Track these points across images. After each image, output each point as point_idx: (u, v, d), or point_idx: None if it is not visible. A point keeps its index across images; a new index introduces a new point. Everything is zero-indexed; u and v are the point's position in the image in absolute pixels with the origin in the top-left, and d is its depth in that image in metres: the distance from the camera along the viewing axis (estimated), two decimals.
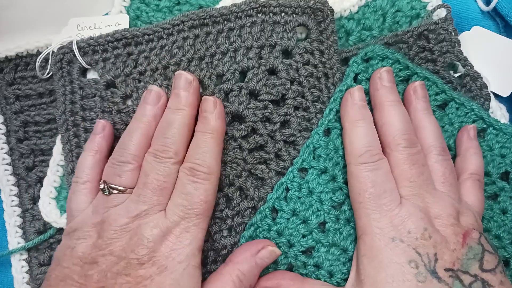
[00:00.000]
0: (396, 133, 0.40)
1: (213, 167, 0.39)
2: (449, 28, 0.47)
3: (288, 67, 0.44)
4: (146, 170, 0.39)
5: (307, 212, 0.42)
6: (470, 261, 0.36)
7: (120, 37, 0.45)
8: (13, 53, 0.49)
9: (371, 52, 0.45)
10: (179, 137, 0.39)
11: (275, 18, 0.45)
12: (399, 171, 0.39)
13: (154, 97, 0.42)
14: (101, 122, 0.43)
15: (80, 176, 0.41)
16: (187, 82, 0.41)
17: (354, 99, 0.42)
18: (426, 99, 0.44)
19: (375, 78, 0.43)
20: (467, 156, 0.43)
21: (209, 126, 0.40)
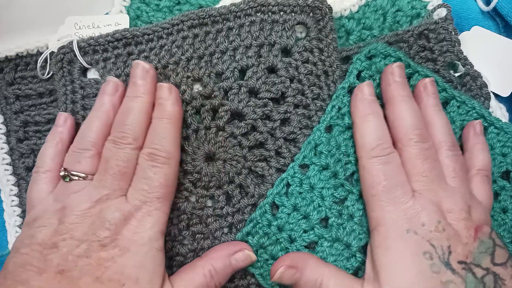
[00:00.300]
0: (408, 128, 0.41)
1: (172, 152, 0.40)
2: (449, 27, 0.47)
3: (287, 65, 0.44)
4: (106, 156, 0.39)
5: (308, 207, 0.42)
6: (482, 254, 0.37)
7: (120, 37, 0.45)
8: (13, 53, 0.49)
9: (374, 50, 0.45)
10: (137, 123, 0.40)
11: (274, 17, 0.45)
12: (411, 166, 0.40)
13: (112, 87, 0.42)
14: (63, 114, 0.44)
15: (41, 165, 0.42)
16: (144, 70, 0.41)
17: (364, 94, 0.43)
18: (436, 96, 0.44)
19: (387, 73, 0.44)
20: (474, 152, 0.44)
21: (166, 112, 0.40)
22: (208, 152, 0.44)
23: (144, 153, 0.39)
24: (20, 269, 0.36)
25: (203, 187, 0.43)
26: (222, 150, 0.43)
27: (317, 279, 0.39)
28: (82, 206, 0.38)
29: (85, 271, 0.35)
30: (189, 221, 0.43)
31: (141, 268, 0.36)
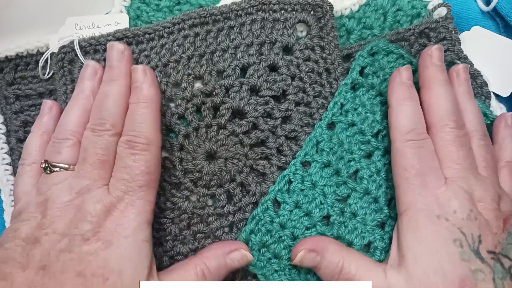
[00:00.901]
0: (444, 113, 0.40)
1: (152, 137, 0.38)
2: (450, 26, 0.47)
3: (288, 63, 0.44)
4: (85, 145, 0.38)
5: (310, 204, 0.42)
6: (510, 246, 0.37)
7: (121, 36, 0.45)
8: (13, 53, 0.49)
9: (376, 47, 0.45)
10: (115, 108, 0.39)
11: (275, 15, 0.45)
12: (446, 152, 0.39)
13: (90, 71, 0.41)
14: (48, 102, 0.43)
15: (26, 158, 0.41)
16: (118, 52, 0.41)
17: (402, 77, 0.42)
18: (469, 83, 0.44)
19: (426, 55, 0.43)
20: (504, 145, 0.43)
21: (142, 95, 0.39)
22: (209, 151, 0.44)
23: (122, 141, 0.38)
24: (3, 265, 0.35)
25: (204, 186, 0.43)
26: (223, 148, 0.43)
27: (339, 262, 0.38)
28: (63, 198, 0.37)
29: (68, 266, 0.34)
30: (190, 220, 0.43)
31: (125, 260, 0.35)
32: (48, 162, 0.39)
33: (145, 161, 0.38)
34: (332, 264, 0.38)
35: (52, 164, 0.39)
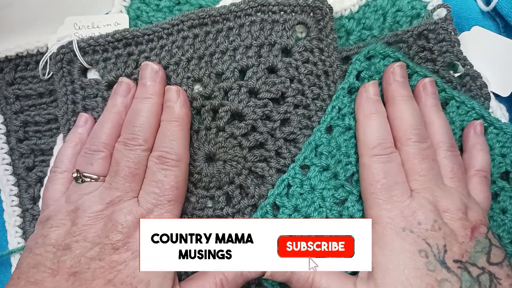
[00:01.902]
0: (407, 127, 0.41)
1: (182, 154, 0.40)
2: (449, 28, 0.47)
3: (287, 66, 0.44)
4: (117, 158, 0.40)
5: (309, 208, 0.42)
6: (478, 254, 0.37)
7: (121, 37, 0.45)
8: (13, 53, 0.49)
9: (373, 50, 0.45)
10: (147, 125, 0.40)
11: (274, 17, 0.45)
12: (410, 165, 0.40)
13: (124, 88, 0.43)
14: (84, 115, 0.44)
15: (59, 166, 0.42)
16: (153, 71, 0.42)
17: (369, 93, 0.43)
18: (436, 95, 0.45)
19: (388, 73, 0.44)
20: (474, 153, 0.44)
21: (174, 114, 0.41)
22: (208, 153, 0.44)
23: (154, 156, 0.40)
24: (34, 269, 0.36)
25: (203, 188, 0.43)
26: (222, 150, 0.43)
27: (309, 277, 0.39)
28: (94, 208, 0.38)
29: (98, 274, 0.36)
30: None
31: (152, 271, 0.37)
32: (79, 172, 0.40)
33: (175, 177, 0.39)
34: (303, 278, 0.39)
35: (83, 174, 0.40)
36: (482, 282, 0.36)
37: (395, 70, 0.44)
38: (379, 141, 0.41)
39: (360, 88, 0.44)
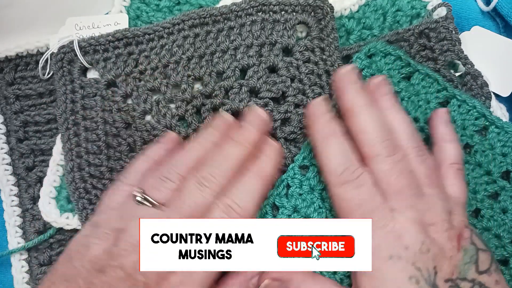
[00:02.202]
0: (374, 142, 0.38)
1: (250, 212, 0.38)
2: (450, 26, 0.47)
3: (288, 65, 0.44)
4: (184, 193, 0.37)
5: (309, 209, 0.42)
6: (467, 265, 0.36)
7: (121, 36, 0.45)
8: (13, 53, 0.49)
9: (374, 49, 0.45)
10: (229, 172, 0.38)
11: (275, 16, 0.45)
12: (386, 184, 0.37)
13: (222, 124, 0.41)
14: (172, 134, 0.43)
15: (128, 177, 0.40)
16: (259, 119, 0.40)
17: (321, 112, 0.40)
18: (392, 95, 0.41)
19: (337, 82, 0.41)
20: (443, 145, 0.42)
21: (264, 171, 0.39)
22: None
23: (222, 203, 0.37)
24: (66, 283, 0.35)
25: None
26: None
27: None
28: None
29: None
30: None
31: None
32: (143, 193, 0.38)
33: None
34: None
35: (145, 196, 0.38)
36: None
37: (347, 75, 0.40)
38: (344, 166, 0.38)
39: (309, 107, 0.41)
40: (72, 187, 0.45)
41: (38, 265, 0.47)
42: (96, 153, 0.45)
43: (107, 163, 0.45)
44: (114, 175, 0.45)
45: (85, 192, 0.45)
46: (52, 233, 0.47)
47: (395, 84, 0.45)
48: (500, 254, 0.43)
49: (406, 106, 0.45)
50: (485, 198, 0.44)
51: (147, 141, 0.45)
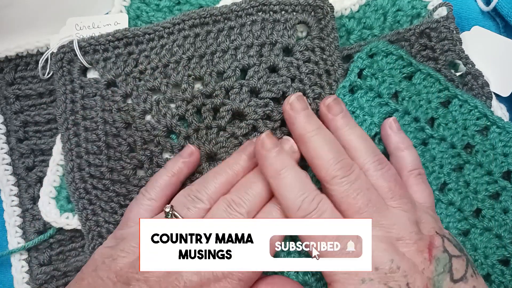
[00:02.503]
0: (327, 165, 0.38)
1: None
2: (451, 26, 0.47)
3: (288, 65, 0.44)
4: (214, 215, 0.38)
5: None
6: (441, 276, 0.36)
7: (121, 36, 0.45)
8: (13, 53, 0.49)
9: (375, 48, 0.45)
10: (259, 198, 0.39)
11: (275, 16, 0.45)
12: (346, 206, 0.37)
13: (251, 150, 0.41)
14: (191, 148, 0.43)
15: (150, 192, 0.41)
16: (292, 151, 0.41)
17: (267, 148, 0.39)
18: (344, 113, 0.41)
19: (287, 111, 0.41)
20: (399, 154, 0.42)
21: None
22: (209, 152, 0.44)
23: None
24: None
25: None
26: (223, 150, 0.44)
27: None
28: None
29: None
30: None
31: None
32: (173, 209, 0.39)
33: None
34: None
35: (175, 213, 0.39)
36: None
37: (292, 105, 0.41)
38: (301, 198, 0.37)
39: (255, 146, 0.40)
40: (72, 187, 0.45)
41: (38, 265, 0.47)
42: (96, 153, 0.45)
43: (107, 163, 0.45)
44: (114, 175, 0.45)
45: (85, 193, 0.45)
46: (52, 233, 0.47)
47: (396, 84, 0.45)
48: (501, 254, 0.43)
49: (407, 106, 0.45)
50: (486, 198, 0.44)
51: (147, 141, 0.44)
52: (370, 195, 0.37)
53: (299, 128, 0.40)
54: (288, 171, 0.38)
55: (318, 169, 0.38)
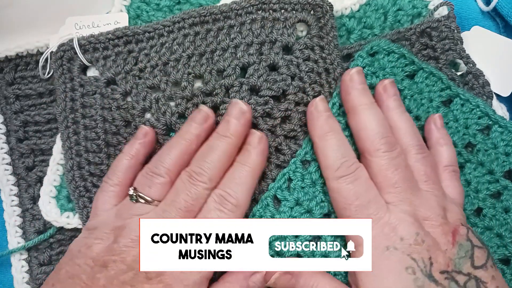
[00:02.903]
0: (374, 137, 0.40)
1: (242, 201, 0.39)
2: (452, 25, 0.47)
3: (288, 63, 0.44)
4: (178, 188, 0.39)
5: (311, 202, 0.42)
6: (462, 259, 0.36)
7: (121, 34, 0.45)
8: (13, 53, 0.49)
9: (377, 46, 0.45)
10: (218, 163, 0.40)
11: (275, 14, 0.45)
12: (383, 178, 0.39)
13: (201, 117, 0.42)
14: (145, 128, 0.43)
15: (112, 177, 0.42)
16: (240, 111, 0.41)
17: (319, 111, 0.41)
18: (398, 97, 0.43)
19: (346, 81, 0.42)
20: (438, 148, 0.43)
21: (250, 159, 0.40)
22: None
23: (215, 193, 0.39)
24: (70, 280, 0.36)
25: None
26: None
27: (313, 286, 0.38)
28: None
29: None
30: None
31: None
32: (136, 191, 0.40)
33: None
34: (307, 287, 0.38)
35: (139, 194, 0.39)
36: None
37: (352, 77, 0.42)
38: (341, 160, 0.39)
39: (308, 106, 0.42)
40: (72, 186, 0.45)
41: (38, 265, 0.47)
42: (95, 151, 0.45)
43: (107, 161, 0.45)
44: None
45: (85, 191, 0.45)
46: (52, 233, 0.47)
47: (398, 82, 0.45)
48: (501, 254, 0.43)
49: (409, 104, 0.45)
50: (487, 197, 0.44)
51: None
52: (407, 174, 0.39)
53: (353, 100, 0.41)
54: (334, 134, 0.40)
55: (363, 140, 0.40)
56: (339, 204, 0.39)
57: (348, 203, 0.38)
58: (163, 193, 0.40)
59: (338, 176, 0.39)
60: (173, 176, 0.40)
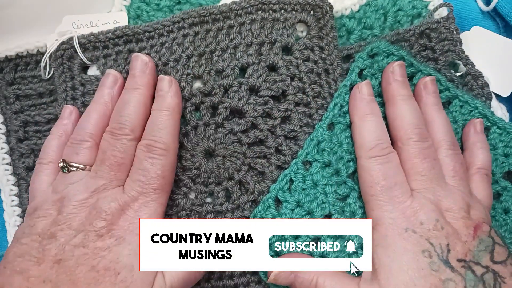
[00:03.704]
0: (408, 127, 0.41)
1: (170, 143, 0.40)
2: (451, 26, 0.47)
3: (288, 64, 0.44)
4: (103, 147, 0.40)
5: (312, 204, 0.42)
6: (482, 252, 0.37)
7: (121, 34, 0.45)
8: (13, 53, 0.49)
9: (376, 48, 0.45)
10: (135, 114, 0.41)
11: (275, 15, 0.45)
12: (411, 165, 0.40)
13: (111, 80, 0.43)
14: (69, 107, 0.45)
15: (44, 157, 0.43)
16: (143, 63, 0.43)
17: (363, 93, 0.43)
18: (437, 94, 0.44)
19: (388, 72, 0.44)
20: (474, 151, 0.44)
21: (165, 103, 0.41)
22: (207, 149, 0.44)
23: (142, 144, 0.40)
24: (19, 259, 0.37)
25: (202, 183, 0.44)
26: (221, 146, 0.44)
27: (312, 279, 0.38)
28: (79, 196, 0.38)
29: (82, 260, 0.36)
30: (188, 217, 0.44)
31: (135, 256, 0.37)
32: (65, 161, 0.40)
33: (162, 166, 0.39)
34: (306, 281, 0.39)
35: (69, 164, 0.40)
36: (486, 281, 0.36)
37: (394, 69, 0.44)
38: (376, 142, 0.41)
39: (353, 89, 0.44)
40: None
41: None
42: None
43: None
44: None
45: None
46: None
47: None
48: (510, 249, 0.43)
49: None
50: None
51: None
52: (435, 165, 0.40)
53: (393, 90, 0.43)
54: (374, 117, 0.42)
55: (397, 128, 0.42)
56: (366, 182, 0.40)
57: (375, 182, 0.40)
58: (92, 157, 0.41)
59: (370, 156, 0.41)
60: (97, 139, 0.41)
